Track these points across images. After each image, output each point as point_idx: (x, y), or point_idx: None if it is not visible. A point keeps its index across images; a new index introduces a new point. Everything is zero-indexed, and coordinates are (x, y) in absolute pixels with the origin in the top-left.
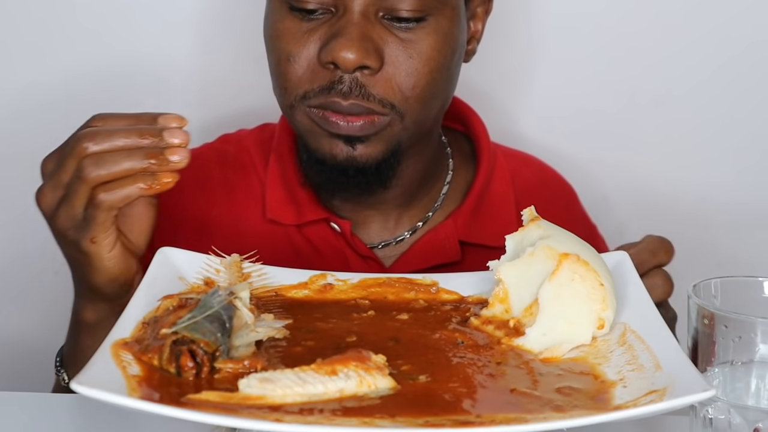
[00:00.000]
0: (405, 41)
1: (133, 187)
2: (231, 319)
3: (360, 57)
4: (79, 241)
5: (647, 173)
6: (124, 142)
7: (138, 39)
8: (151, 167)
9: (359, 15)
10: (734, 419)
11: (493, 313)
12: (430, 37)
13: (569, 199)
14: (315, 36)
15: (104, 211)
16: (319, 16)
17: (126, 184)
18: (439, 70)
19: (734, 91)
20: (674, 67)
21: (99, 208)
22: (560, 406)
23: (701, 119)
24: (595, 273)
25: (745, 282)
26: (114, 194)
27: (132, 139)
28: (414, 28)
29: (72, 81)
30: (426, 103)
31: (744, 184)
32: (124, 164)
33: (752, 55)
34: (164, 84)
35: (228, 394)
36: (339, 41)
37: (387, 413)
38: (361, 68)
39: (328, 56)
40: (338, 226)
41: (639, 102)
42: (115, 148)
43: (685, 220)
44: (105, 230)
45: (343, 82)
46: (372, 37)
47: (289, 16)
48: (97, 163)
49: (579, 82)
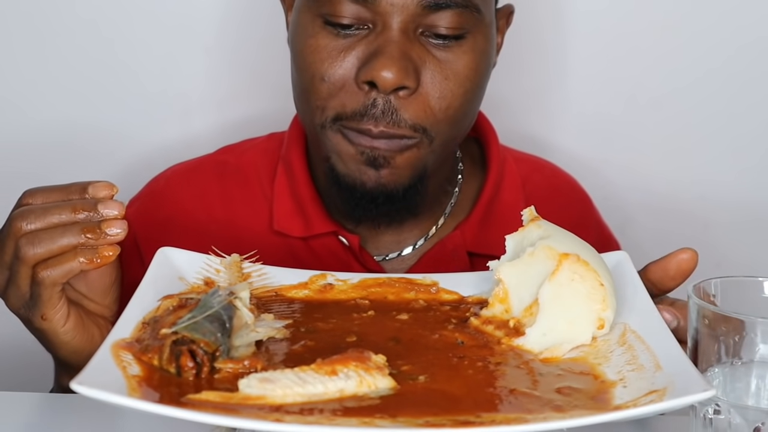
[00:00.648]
0: (442, 61)
1: (74, 263)
2: (231, 319)
3: (400, 78)
4: (31, 319)
5: (647, 173)
6: (59, 219)
7: (148, 51)
8: (88, 242)
9: (399, 32)
10: (734, 419)
11: (493, 313)
12: (467, 56)
13: (583, 205)
14: (351, 54)
15: (48, 287)
16: (355, 32)
17: (66, 260)
18: (473, 91)
19: (735, 91)
20: (674, 68)
21: (42, 285)
22: (560, 406)
23: (701, 119)
24: (595, 273)
25: (745, 282)
26: (55, 270)
27: (66, 214)
28: (452, 46)
29: (89, 88)
30: (456, 125)
31: (744, 184)
32: (61, 241)
33: (752, 56)
34: (176, 93)
35: (228, 394)
36: (380, 60)
37: (387, 413)
38: (397, 89)
39: (367, 75)
40: (347, 240)
41: (639, 102)
42: (49, 225)
43: (685, 220)
44: (53, 306)
45: (376, 106)
46: (411, 56)
47: (323, 32)
48: (33, 243)
49: (579, 81)
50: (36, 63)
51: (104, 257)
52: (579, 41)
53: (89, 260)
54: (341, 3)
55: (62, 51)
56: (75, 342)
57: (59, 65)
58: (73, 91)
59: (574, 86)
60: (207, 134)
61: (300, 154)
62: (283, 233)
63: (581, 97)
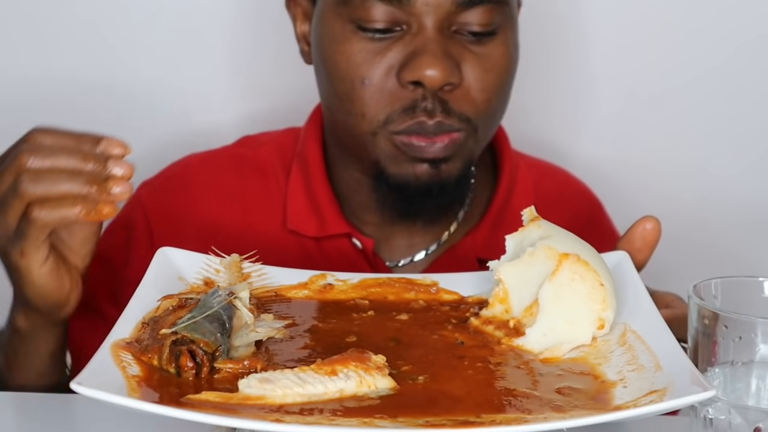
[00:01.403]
0: (479, 55)
1: (72, 210)
2: (231, 320)
3: (446, 74)
4: (9, 253)
5: (647, 173)
6: (66, 163)
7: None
8: (90, 194)
9: (435, 31)
10: (734, 419)
11: (493, 313)
12: (501, 49)
13: (594, 212)
14: (388, 56)
15: (37, 228)
16: (389, 35)
17: (64, 206)
18: (508, 82)
19: (735, 90)
20: (674, 67)
21: (32, 224)
22: (560, 406)
23: (701, 118)
24: (596, 273)
25: (745, 282)
26: (50, 213)
27: (74, 160)
28: (486, 42)
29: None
30: (495, 115)
31: (744, 184)
32: (63, 186)
33: (752, 56)
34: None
35: (228, 395)
36: (424, 59)
37: (387, 413)
38: (443, 86)
39: (412, 75)
40: (361, 243)
41: (638, 101)
42: (56, 167)
43: (685, 220)
44: (36, 247)
45: (426, 99)
46: (451, 53)
47: (356, 37)
48: (35, 181)
49: (577, 79)
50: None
51: (101, 213)
52: (578, 41)
53: (86, 212)
54: (374, 6)
55: (68, 50)
56: (46, 286)
57: (67, 61)
58: (89, 83)
59: (574, 87)
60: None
61: (317, 152)
62: (297, 232)
63: (581, 97)
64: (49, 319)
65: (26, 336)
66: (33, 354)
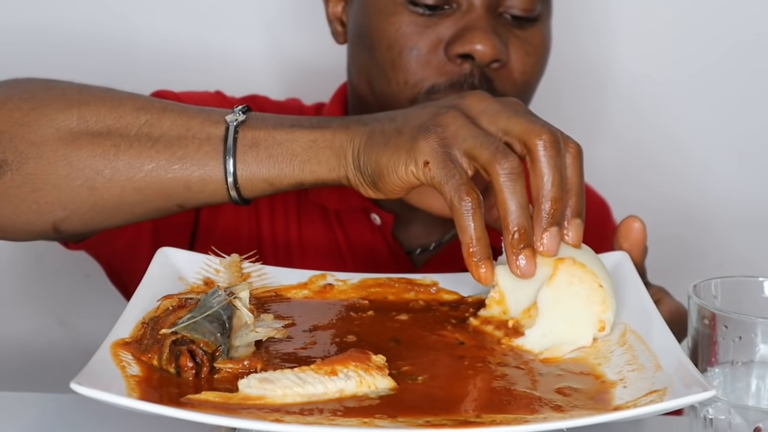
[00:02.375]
0: (522, 39)
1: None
2: (231, 319)
3: (496, 51)
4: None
5: (647, 173)
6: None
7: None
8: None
9: (485, 10)
10: (734, 419)
11: (490, 313)
12: (541, 35)
13: (601, 214)
14: (438, 29)
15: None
16: (439, 12)
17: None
18: (544, 69)
19: (736, 91)
20: (674, 67)
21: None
22: (560, 406)
23: (701, 118)
24: (594, 275)
25: (745, 282)
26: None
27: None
28: (527, 27)
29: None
30: (530, 99)
31: (744, 183)
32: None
33: (752, 55)
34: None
35: (228, 395)
36: (476, 34)
37: (387, 413)
38: (491, 63)
39: (463, 48)
40: (380, 218)
41: (638, 102)
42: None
43: (685, 220)
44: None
45: (474, 75)
46: (499, 32)
47: (406, 11)
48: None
49: (577, 80)
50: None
51: (479, 271)
52: (578, 41)
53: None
54: None
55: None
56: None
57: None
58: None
59: (574, 85)
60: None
61: None
62: (318, 203)
63: (580, 96)
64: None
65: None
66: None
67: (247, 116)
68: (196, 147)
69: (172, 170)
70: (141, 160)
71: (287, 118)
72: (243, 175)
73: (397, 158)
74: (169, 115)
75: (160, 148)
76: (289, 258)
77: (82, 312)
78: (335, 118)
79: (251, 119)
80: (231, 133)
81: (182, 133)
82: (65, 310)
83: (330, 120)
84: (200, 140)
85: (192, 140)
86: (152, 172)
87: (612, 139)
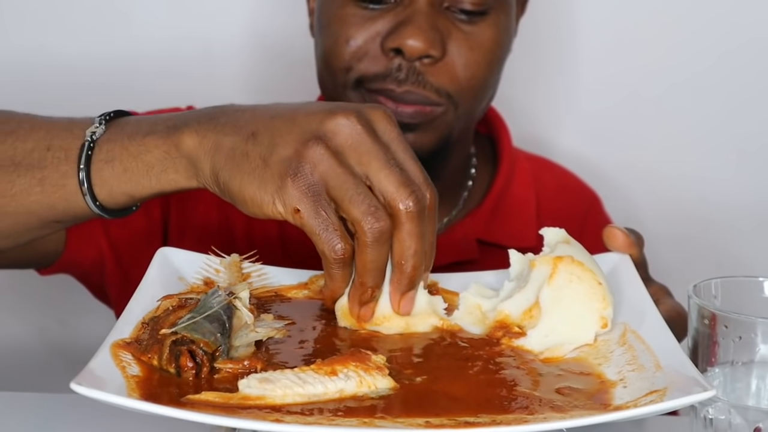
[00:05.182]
0: (467, 33)
1: (332, 256)
2: (231, 320)
3: (426, 46)
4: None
5: (647, 173)
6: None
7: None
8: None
9: (426, 5)
10: (734, 419)
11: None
12: (491, 30)
13: (591, 206)
14: (378, 23)
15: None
16: (383, 6)
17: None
18: (495, 64)
19: (736, 91)
20: (674, 67)
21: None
22: (560, 406)
23: (701, 118)
24: (592, 273)
25: (745, 282)
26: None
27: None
28: (476, 21)
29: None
30: (479, 95)
31: (744, 184)
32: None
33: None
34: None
35: (228, 395)
36: (408, 29)
37: (387, 413)
38: (422, 57)
39: (394, 42)
40: None
41: (638, 102)
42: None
43: (685, 220)
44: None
45: (401, 70)
46: (438, 27)
47: (351, 4)
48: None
49: (578, 81)
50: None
51: (335, 293)
52: (579, 41)
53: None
54: None
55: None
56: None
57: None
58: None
59: (574, 86)
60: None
61: None
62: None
63: (581, 97)
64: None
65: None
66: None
67: (108, 126)
68: (54, 167)
69: (34, 193)
70: (5, 186)
71: (145, 124)
72: (101, 192)
73: (263, 193)
74: (35, 135)
75: (22, 171)
76: (271, 254)
77: (82, 312)
78: (192, 116)
79: (111, 129)
80: (85, 150)
81: (43, 154)
82: (65, 310)
83: (186, 120)
84: (59, 159)
85: (52, 160)
86: (17, 197)
87: (612, 139)
